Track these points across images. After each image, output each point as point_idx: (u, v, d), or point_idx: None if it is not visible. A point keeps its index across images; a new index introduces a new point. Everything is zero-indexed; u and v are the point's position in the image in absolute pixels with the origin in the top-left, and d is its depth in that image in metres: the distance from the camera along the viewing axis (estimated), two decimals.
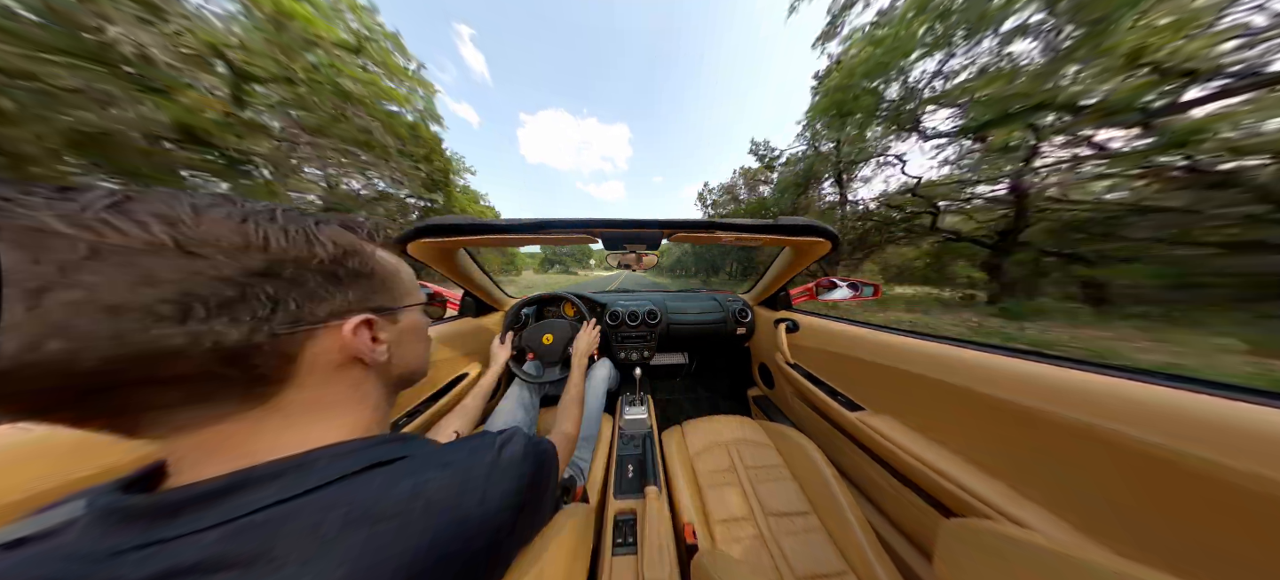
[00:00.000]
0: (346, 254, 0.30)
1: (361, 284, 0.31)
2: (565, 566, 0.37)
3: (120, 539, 0.20)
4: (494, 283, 1.43)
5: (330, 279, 0.28)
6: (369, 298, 0.32)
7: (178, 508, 0.22)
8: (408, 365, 0.38)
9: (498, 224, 0.89)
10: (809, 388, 1.06)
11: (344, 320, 0.29)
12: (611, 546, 0.70)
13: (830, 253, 1.03)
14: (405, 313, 0.36)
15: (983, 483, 0.57)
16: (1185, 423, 0.39)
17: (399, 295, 0.36)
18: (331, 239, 0.29)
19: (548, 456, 0.40)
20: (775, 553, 0.73)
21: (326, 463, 0.26)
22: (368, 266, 0.32)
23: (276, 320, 0.25)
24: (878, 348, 0.88)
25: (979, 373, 0.62)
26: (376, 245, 0.35)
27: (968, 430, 0.63)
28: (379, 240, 0.35)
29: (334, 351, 0.29)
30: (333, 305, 0.28)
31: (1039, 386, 0.53)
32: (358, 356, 0.31)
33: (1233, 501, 0.35)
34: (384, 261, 0.35)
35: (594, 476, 0.92)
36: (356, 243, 0.31)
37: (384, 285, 0.34)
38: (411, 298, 0.38)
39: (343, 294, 0.29)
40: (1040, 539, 0.36)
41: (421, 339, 0.40)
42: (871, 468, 0.83)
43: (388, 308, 0.34)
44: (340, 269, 0.29)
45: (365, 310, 0.31)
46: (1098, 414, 0.46)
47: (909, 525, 0.75)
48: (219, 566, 0.20)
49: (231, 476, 0.23)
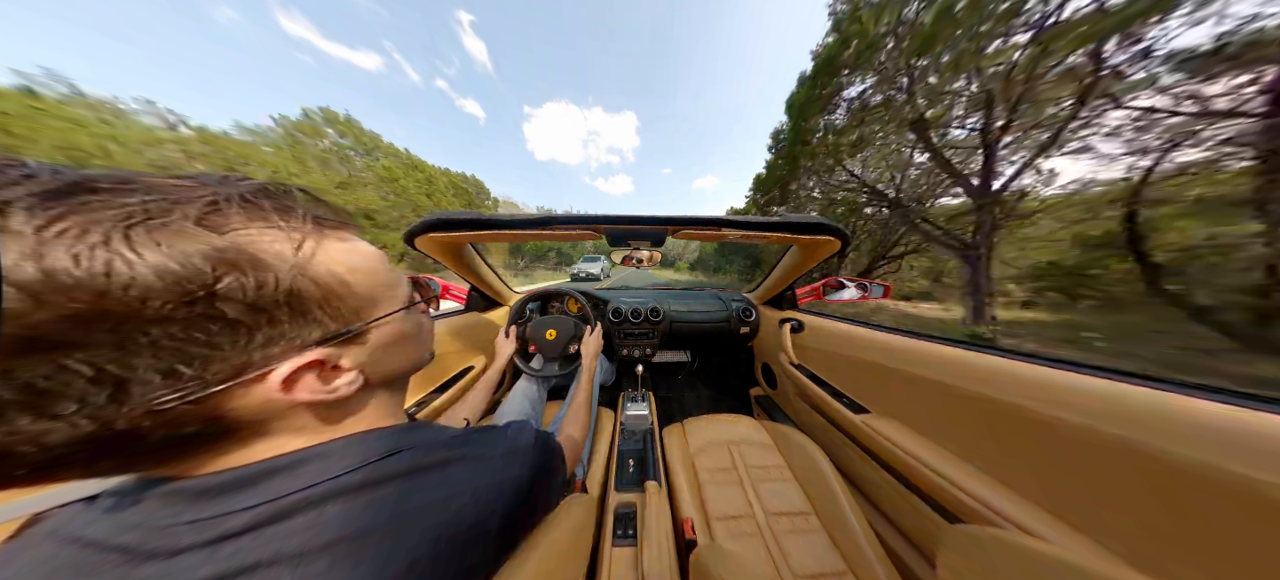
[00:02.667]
0: (218, 280, 0.18)
1: (283, 318, 0.21)
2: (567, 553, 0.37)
3: (176, 512, 0.21)
4: (499, 277, 1.44)
5: (205, 325, 0.18)
6: (302, 332, 0.22)
7: (220, 490, 0.22)
8: (398, 370, 0.32)
9: (503, 219, 0.89)
10: (813, 389, 1.05)
11: (266, 372, 0.21)
12: (612, 538, 0.70)
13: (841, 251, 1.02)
14: (379, 327, 0.28)
15: (989, 489, 0.56)
16: (1203, 431, 0.38)
17: (359, 308, 0.26)
18: (170, 252, 0.17)
19: (554, 449, 0.42)
20: (775, 552, 0.72)
21: (346, 452, 0.26)
22: (282, 289, 0.21)
23: (134, 399, 0.17)
24: (883, 349, 0.86)
25: (987, 376, 0.60)
26: (309, 237, 0.23)
27: (975, 435, 0.62)
28: (310, 225, 0.24)
29: (279, 399, 0.22)
30: (234, 360, 0.20)
31: (1050, 392, 0.51)
32: (311, 402, 0.24)
33: (1253, 513, 0.34)
34: (324, 270, 0.23)
35: (594, 470, 0.93)
36: (246, 254, 0.20)
37: (328, 306, 0.23)
38: (381, 307, 0.28)
39: (249, 341, 0.20)
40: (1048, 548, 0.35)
41: (413, 341, 0.33)
42: (875, 471, 0.82)
43: (340, 334, 0.24)
44: (219, 306, 0.19)
45: (302, 349, 0.22)
46: (1110, 421, 0.44)
47: (912, 530, 0.74)
48: (266, 534, 0.21)
49: (263, 463, 0.23)
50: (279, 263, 0.21)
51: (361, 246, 0.28)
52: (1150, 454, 0.40)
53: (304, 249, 0.23)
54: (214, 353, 0.19)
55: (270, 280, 0.21)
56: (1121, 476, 0.43)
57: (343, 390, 0.26)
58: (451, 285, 1.34)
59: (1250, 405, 0.38)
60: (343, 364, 0.26)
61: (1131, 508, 0.42)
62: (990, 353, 0.65)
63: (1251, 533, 0.34)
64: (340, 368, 0.26)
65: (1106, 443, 0.44)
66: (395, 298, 0.30)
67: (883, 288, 1.38)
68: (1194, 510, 0.38)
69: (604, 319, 1.51)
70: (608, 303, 1.53)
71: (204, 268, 0.18)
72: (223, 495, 0.22)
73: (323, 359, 0.24)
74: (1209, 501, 0.36)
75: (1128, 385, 0.46)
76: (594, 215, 0.89)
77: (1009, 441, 0.56)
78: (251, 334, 0.20)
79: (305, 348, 0.23)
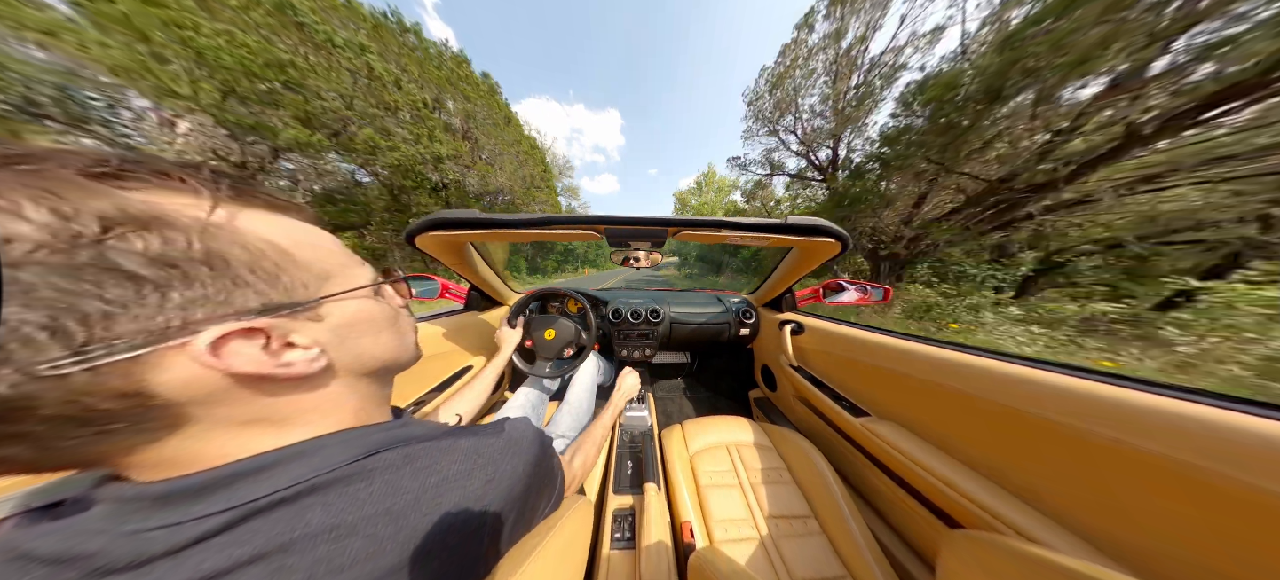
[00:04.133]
0: (110, 232, 0.18)
1: (202, 277, 0.21)
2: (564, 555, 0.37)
3: (141, 519, 0.21)
4: (499, 277, 1.44)
5: (98, 277, 0.18)
6: (232, 295, 0.22)
7: (189, 493, 0.22)
8: (374, 359, 0.31)
9: (504, 219, 0.89)
10: (812, 391, 1.04)
11: (188, 337, 0.20)
12: (610, 540, 0.70)
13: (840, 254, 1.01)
14: (333, 304, 0.27)
15: (990, 494, 0.56)
16: (1205, 437, 0.38)
17: (309, 283, 0.26)
18: (52, 204, 0.17)
19: (553, 453, 0.41)
20: (774, 555, 0.72)
21: (328, 449, 0.26)
22: (194, 248, 0.21)
23: (17, 361, 0.17)
24: (883, 352, 0.86)
25: (988, 380, 0.60)
26: (223, 203, 0.23)
27: (976, 439, 0.62)
28: (226, 193, 0.23)
29: (211, 371, 0.21)
30: (143, 319, 0.19)
31: (1051, 396, 0.51)
32: (259, 376, 0.23)
33: (1255, 518, 0.34)
34: (249, 234, 0.23)
35: (593, 472, 0.92)
36: (139, 209, 0.19)
37: (264, 273, 0.23)
38: (335, 284, 0.28)
39: (159, 299, 0.19)
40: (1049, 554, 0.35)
41: (385, 328, 0.32)
42: (874, 474, 0.81)
43: (285, 305, 0.24)
44: (114, 258, 0.18)
45: (237, 315, 0.22)
46: (1112, 426, 0.44)
47: (912, 534, 0.74)
48: (240, 537, 0.21)
49: (237, 464, 0.23)
50: (188, 221, 0.21)
51: (306, 227, 0.28)
52: (1152, 459, 0.40)
53: (218, 212, 0.23)
54: (115, 310, 0.18)
55: (179, 238, 0.20)
56: (1123, 482, 0.43)
57: (299, 367, 0.25)
58: (451, 285, 1.34)
59: (1250, 410, 0.38)
60: (296, 340, 0.25)
61: (1133, 513, 0.42)
62: (991, 357, 0.64)
63: (1252, 537, 0.34)
64: (293, 344, 0.25)
65: (1108, 447, 0.44)
66: (353, 277, 0.30)
67: (883, 290, 1.38)
68: (1196, 515, 0.37)
69: (603, 319, 1.51)
70: (608, 303, 1.53)
71: (88, 219, 0.18)
72: (192, 499, 0.21)
73: (266, 329, 0.23)
74: (1211, 507, 0.36)
75: (1129, 390, 0.45)
76: (594, 216, 0.89)
77: (1010, 446, 0.56)
78: (163, 292, 0.20)
79: (242, 315, 0.22)
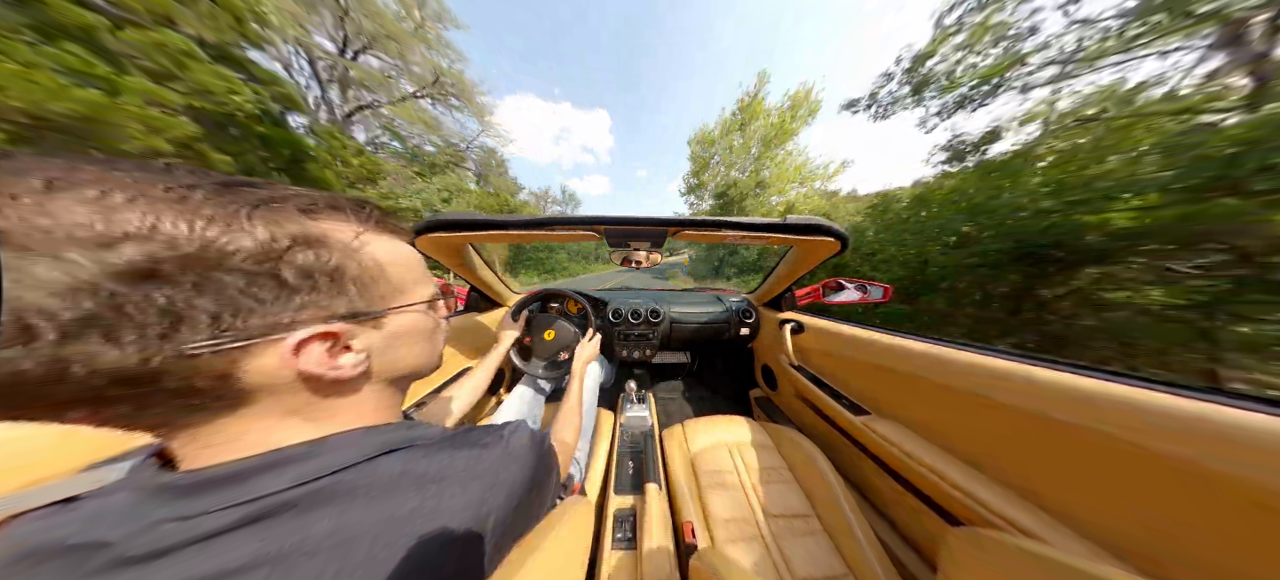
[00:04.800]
0: (291, 250, 0.23)
1: (321, 286, 0.25)
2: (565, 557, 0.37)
3: (161, 510, 0.22)
4: (499, 278, 1.44)
5: (263, 282, 0.22)
6: (332, 302, 0.25)
7: (206, 485, 0.22)
8: (406, 367, 0.33)
9: (504, 220, 0.89)
10: (813, 390, 1.04)
11: (288, 334, 0.23)
12: (611, 541, 0.70)
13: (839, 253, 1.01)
14: (396, 315, 0.30)
15: (991, 491, 0.56)
16: (1206, 434, 0.38)
17: (386, 294, 0.29)
18: (271, 227, 0.22)
19: (551, 450, 0.41)
20: (775, 555, 0.72)
21: (340, 448, 0.26)
22: (329, 264, 0.25)
23: (178, 338, 0.19)
24: (883, 351, 0.86)
25: (987, 378, 0.60)
26: (367, 230, 0.28)
27: (976, 436, 0.62)
28: (371, 223, 0.29)
29: (287, 366, 0.24)
30: (269, 317, 0.22)
31: (1050, 393, 0.51)
32: (314, 375, 0.25)
33: (1255, 514, 0.34)
34: (367, 255, 0.28)
35: (594, 473, 0.92)
36: (315, 233, 0.24)
37: (362, 284, 0.27)
38: (408, 296, 0.31)
39: (287, 302, 0.23)
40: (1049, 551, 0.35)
41: (425, 339, 0.34)
42: (875, 473, 0.82)
43: (363, 313, 0.27)
44: (281, 268, 0.22)
45: (325, 318, 0.25)
46: (1111, 423, 0.44)
47: (914, 532, 0.74)
48: (251, 534, 0.21)
49: (254, 459, 0.24)
50: (337, 244, 0.26)
51: (404, 246, 0.33)
52: (1152, 456, 0.40)
53: (360, 238, 0.28)
54: (257, 306, 0.22)
55: (326, 255, 0.25)
56: (1123, 478, 0.43)
57: (346, 370, 0.27)
58: (451, 285, 1.34)
59: (1252, 407, 0.38)
60: (354, 344, 0.27)
61: (1133, 510, 0.42)
62: (990, 354, 0.64)
63: (1253, 534, 0.34)
64: (351, 348, 0.27)
65: (1107, 445, 0.44)
66: (419, 294, 0.33)
67: (882, 289, 1.38)
68: (1197, 512, 0.37)
69: (604, 320, 1.51)
70: (608, 304, 1.53)
71: (284, 239, 0.23)
72: (209, 491, 0.22)
73: (338, 333, 0.26)
74: (1212, 503, 0.36)
75: (1129, 387, 0.45)
76: (594, 216, 0.90)
77: (1009, 443, 0.56)
78: (293, 295, 0.23)
79: (330, 319, 0.25)
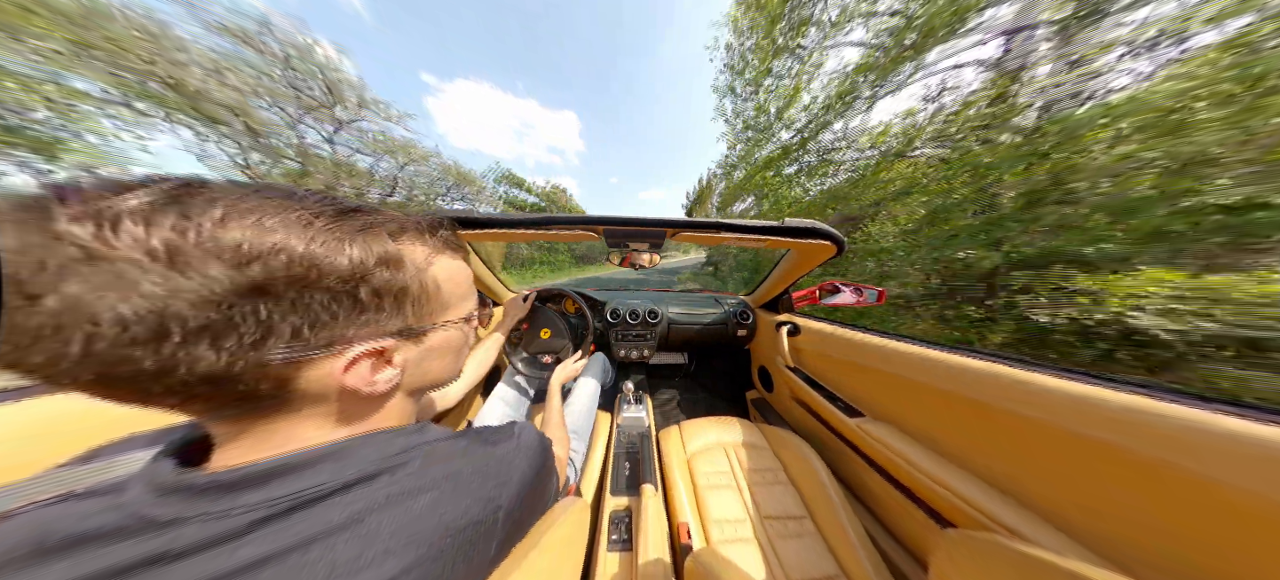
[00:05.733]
0: (374, 270, 0.25)
1: (386, 305, 0.26)
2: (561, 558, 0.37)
3: (179, 509, 0.22)
4: (496, 277, 1.43)
5: (342, 300, 0.24)
6: (389, 320, 0.27)
7: (227, 487, 0.23)
8: (431, 379, 0.34)
9: (502, 219, 0.89)
10: (808, 392, 1.05)
11: (345, 349, 0.25)
12: (607, 542, 0.70)
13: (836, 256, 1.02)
14: (439, 330, 0.32)
15: (982, 493, 0.57)
16: (1194, 437, 0.39)
17: (434, 311, 0.31)
18: (364, 250, 0.24)
19: (552, 450, 0.42)
20: (770, 556, 0.72)
21: (362, 450, 0.27)
22: (399, 283, 0.27)
23: (265, 348, 0.21)
24: (877, 353, 0.87)
25: (979, 381, 0.61)
26: (438, 253, 0.30)
27: (968, 439, 0.63)
28: (442, 244, 0.31)
29: (334, 379, 0.25)
30: (336, 331, 0.24)
31: (1041, 396, 0.52)
32: (353, 389, 0.26)
33: (1238, 518, 0.35)
34: (430, 275, 0.30)
35: (590, 473, 0.92)
36: (395, 254, 0.26)
37: (418, 303, 0.29)
38: (452, 313, 0.33)
39: (354, 319, 0.25)
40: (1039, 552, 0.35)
41: (454, 352, 0.36)
42: (869, 474, 0.82)
43: (412, 330, 0.29)
44: (360, 288, 0.24)
45: (379, 335, 0.26)
46: (1101, 426, 0.45)
47: (906, 534, 0.75)
48: (268, 533, 0.22)
49: (276, 460, 0.24)
50: (412, 265, 0.28)
51: (460, 263, 0.34)
52: (1141, 459, 0.41)
53: (431, 259, 0.30)
54: (331, 322, 0.23)
55: (400, 276, 0.27)
56: (1112, 481, 0.44)
57: (381, 385, 0.28)
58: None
59: (1240, 413, 0.39)
60: (395, 359, 0.29)
61: (1121, 512, 0.43)
62: (982, 358, 0.65)
63: (1239, 537, 0.35)
64: (391, 363, 0.28)
65: (1097, 447, 0.45)
66: (462, 310, 0.35)
67: (877, 292, 1.39)
68: (1183, 515, 0.38)
69: (601, 320, 1.51)
70: (605, 304, 1.53)
71: (369, 260, 0.24)
72: (231, 491, 0.23)
73: (383, 349, 0.27)
74: (1198, 506, 0.37)
75: (1118, 392, 0.46)
76: (593, 217, 0.90)
77: (1001, 445, 0.57)
78: (361, 312, 0.25)
79: (383, 335, 0.27)
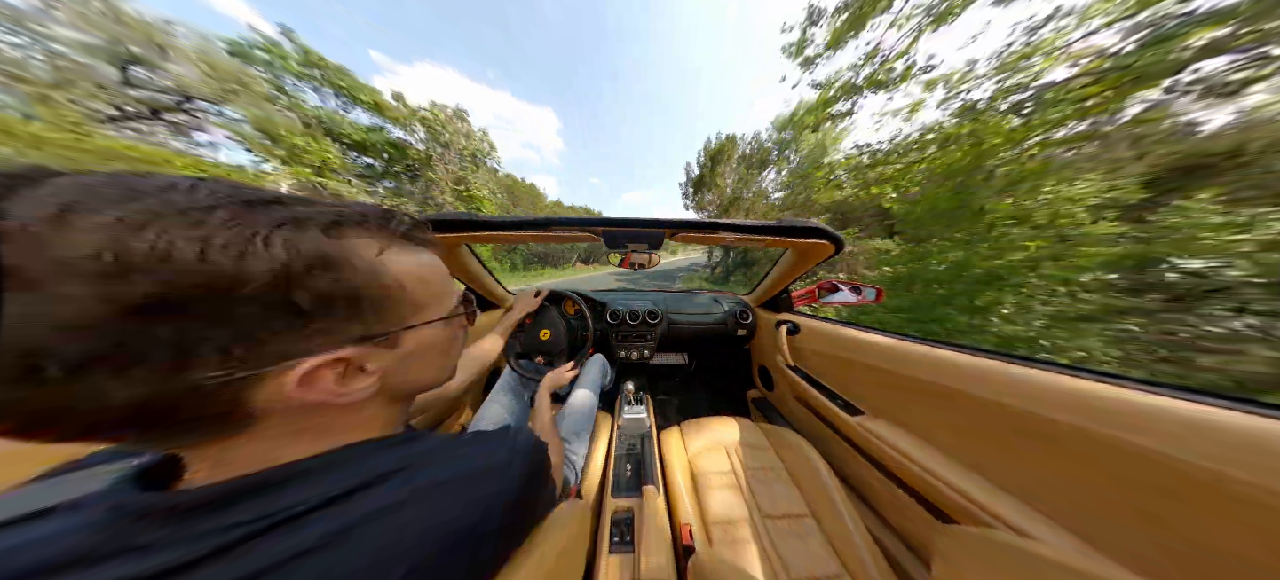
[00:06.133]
0: (307, 273, 0.21)
1: (338, 311, 0.23)
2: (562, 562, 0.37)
3: (139, 534, 0.20)
4: (495, 279, 1.43)
5: (278, 311, 0.20)
6: (346, 326, 0.23)
7: (191, 509, 0.21)
8: (417, 384, 0.31)
9: (501, 221, 0.89)
10: (808, 390, 1.05)
11: (297, 363, 0.22)
12: (608, 544, 0.70)
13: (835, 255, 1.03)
14: (413, 333, 0.28)
15: (983, 490, 0.57)
16: (1195, 433, 0.39)
17: (404, 313, 0.28)
18: (289, 250, 0.20)
19: (546, 451, 0.42)
20: (772, 555, 0.72)
21: (343, 465, 0.25)
22: (346, 286, 0.23)
23: (191, 372, 0.18)
24: (878, 351, 0.87)
25: (979, 378, 0.61)
26: (392, 245, 0.26)
27: (969, 436, 0.63)
28: (397, 236, 0.27)
29: (294, 394, 0.22)
30: (281, 346, 0.21)
31: (1042, 392, 0.52)
32: (321, 402, 0.23)
33: (1241, 514, 0.35)
34: (390, 274, 0.26)
35: (591, 474, 0.92)
36: (334, 253, 0.22)
37: (378, 305, 0.25)
38: (423, 314, 0.29)
39: (300, 329, 0.21)
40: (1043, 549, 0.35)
41: (440, 354, 0.32)
42: (870, 472, 0.82)
43: (378, 335, 0.25)
44: (295, 294, 0.21)
45: (337, 344, 0.23)
46: (1102, 421, 0.45)
47: (908, 531, 0.75)
48: (246, 554, 0.20)
49: (251, 477, 0.22)
50: (359, 264, 0.24)
51: (428, 257, 0.30)
52: (1142, 455, 0.41)
53: (383, 255, 0.25)
54: (270, 336, 0.20)
55: (345, 277, 0.23)
56: (1113, 476, 0.44)
57: (355, 395, 0.25)
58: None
59: (1242, 407, 0.39)
60: (368, 367, 0.26)
61: (1123, 508, 0.43)
62: (982, 355, 0.65)
63: (1240, 533, 0.35)
64: (364, 370, 0.26)
65: (1099, 443, 0.45)
66: (439, 308, 0.31)
67: (876, 290, 1.39)
68: (1185, 510, 0.38)
69: (601, 321, 1.50)
70: (606, 305, 1.53)
71: (301, 264, 0.21)
72: (196, 514, 0.21)
73: (349, 358, 0.24)
74: (1199, 502, 0.37)
75: (1120, 388, 0.46)
76: (592, 218, 0.90)
77: (1001, 442, 0.57)
78: (307, 322, 0.21)
79: (341, 344, 0.23)
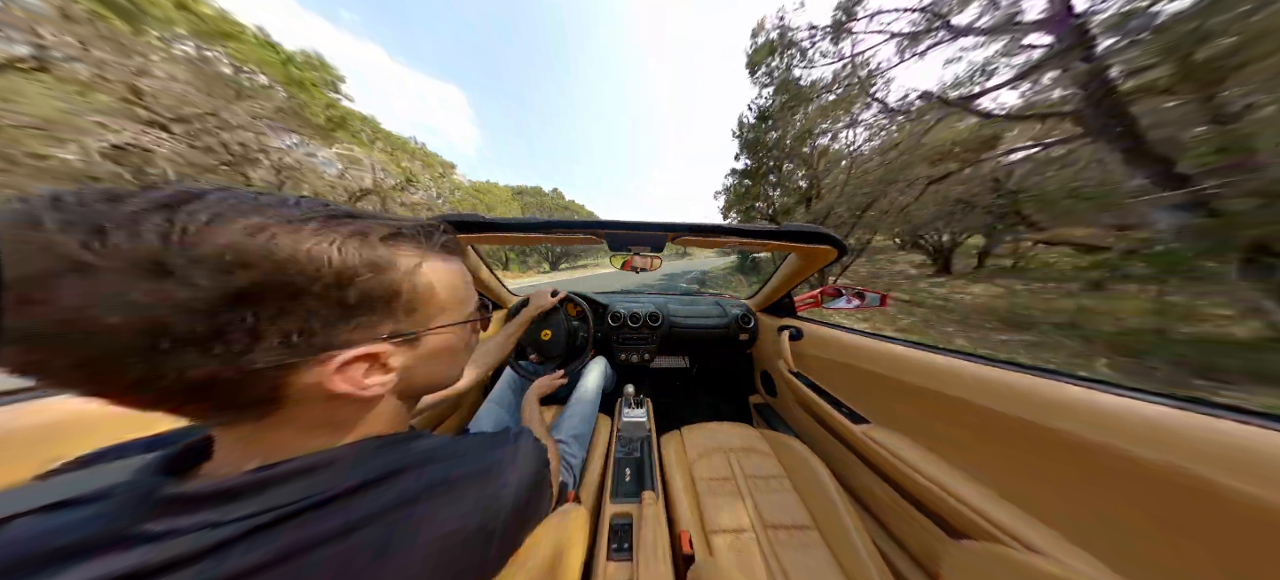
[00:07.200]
0: (362, 274, 0.24)
1: (376, 308, 0.26)
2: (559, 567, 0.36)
3: (161, 522, 0.21)
4: (499, 280, 1.43)
5: (331, 304, 0.23)
6: (380, 324, 0.26)
7: (211, 498, 0.22)
8: (428, 383, 0.33)
9: (505, 222, 0.90)
10: (812, 398, 1.04)
11: (336, 354, 0.24)
12: (607, 551, 0.68)
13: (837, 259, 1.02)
14: (436, 333, 0.31)
15: (993, 504, 0.55)
16: (1211, 449, 0.37)
17: (429, 315, 0.30)
18: (354, 254, 0.24)
19: (547, 455, 0.42)
20: (774, 566, 0.71)
21: (354, 460, 0.26)
22: (391, 287, 0.26)
23: (254, 354, 0.21)
24: (884, 359, 0.86)
25: (989, 388, 0.60)
26: (431, 256, 0.29)
27: (977, 448, 0.61)
28: (436, 248, 0.30)
29: (326, 383, 0.25)
30: (327, 337, 0.24)
31: (1053, 404, 0.51)
32: (345, 393, 0.26)
33: (1260, 529, 0.33)
34: (423, 278, 0.29)
35: (590, 479, 0.91)
36: (385, 258, 0.26)
37: (409, 306, 0.28)
38: (448, 316, 0.32)
39: (344, 323, 0.24)
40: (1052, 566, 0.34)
41: (452, 356, 0.35)
42: (876, 483, 0.81)
43: (405, 334, 0.28)
44: (349, 292, 0.24)
45: (371, 339, 0.26)
46: (1117, 436, 0.44)
47: (914, 545, 0.73)
48: (257, 544, 0.21)
49: (266, 469, 0.24)
50: (401, 268, 0.27)
51: (457, 265, 0.33)
52: (1155, 468, 0.40)
53: (422, 264, 0.29)
54: (321, 327, 0.23)
55: (387, 280, 0.26)
56: (1127, 493, 0.42)
57: (373, 390, 0.27)
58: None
59: (1260, 422, 0.37)
60: (391, 363, 0.28)
61: (1138, 525, 0.41)
62: (992, 364, 0.64)
63: (1259, 548, 0.33)
64: (387, 366, 0.28)
65: (1113, 457, 0.43)
66: (460, 313, 0.33)
67: (880, 296, 1.38)
68: (1202, 528, 0.37)
69: (602, 323, 1.50)
70: (607, 307, 1.53)
71: (358, 264, 0.24)
72: (216, 503, 0.22)
73: (377, 354, 0.27)
74: (1218, 519, 0.36)
75: (1134, 400, 0.45)
76: (595, 220, 0.90)
77: (1012, 455, 0.55)
78: (351, 317, 0.24)
79: (375, 340, 0.26)
